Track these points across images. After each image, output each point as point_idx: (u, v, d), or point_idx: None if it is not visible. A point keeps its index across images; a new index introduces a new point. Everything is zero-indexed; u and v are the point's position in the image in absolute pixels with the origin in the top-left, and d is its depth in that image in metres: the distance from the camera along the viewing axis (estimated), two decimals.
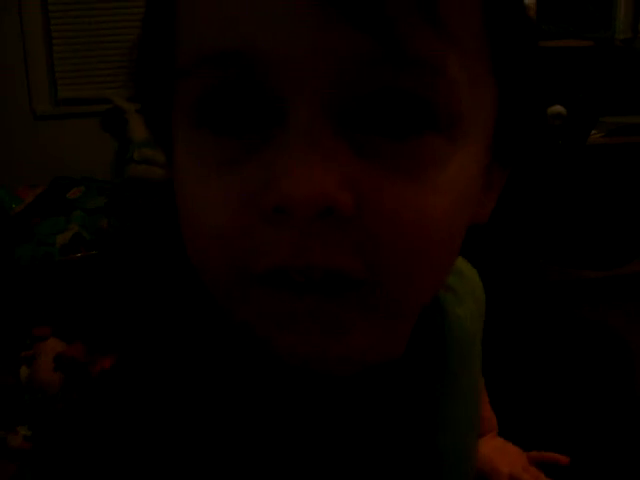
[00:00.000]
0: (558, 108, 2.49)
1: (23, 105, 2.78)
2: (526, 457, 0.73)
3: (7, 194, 2.07)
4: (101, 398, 0.40)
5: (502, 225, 2.19)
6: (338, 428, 0.39)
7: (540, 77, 0.37)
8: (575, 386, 1.55)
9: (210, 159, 0.32)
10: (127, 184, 2.29)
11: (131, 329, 0.46)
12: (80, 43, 2.85)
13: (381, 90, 0.30)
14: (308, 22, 0.28)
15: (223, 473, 0.36)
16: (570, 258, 2.45)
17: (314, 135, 0.29)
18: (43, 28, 2.84)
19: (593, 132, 2.56)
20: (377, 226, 0.30)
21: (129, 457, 0.36)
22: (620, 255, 2.50)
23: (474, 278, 0.54)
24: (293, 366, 0.36)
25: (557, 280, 2.35)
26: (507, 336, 1.80)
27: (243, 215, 0.31)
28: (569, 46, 2.67)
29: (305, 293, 0.31)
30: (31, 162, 2.64)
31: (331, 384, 0.39)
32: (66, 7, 2.91)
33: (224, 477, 0.36)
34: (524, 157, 0.41)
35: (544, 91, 0.39)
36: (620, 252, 2.51)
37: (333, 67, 0.29)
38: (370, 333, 0.33)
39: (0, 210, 2.02)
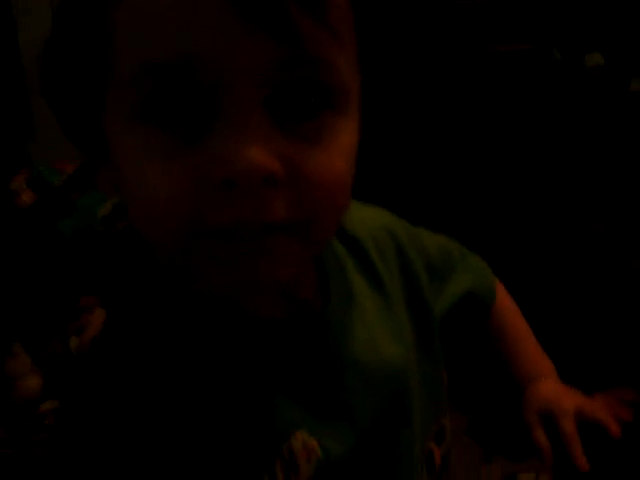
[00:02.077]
0: (596, 57, 2.42)
1: None
2: (590, 398, 0.73)
3: (47, 169, 2.09)
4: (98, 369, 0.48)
5: (546, 182, 2.15)
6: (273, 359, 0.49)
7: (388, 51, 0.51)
8: (624, 340, 1.53)
9: (158, 148, 0.40)
10: None
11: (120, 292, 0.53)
12: None
13: (293, 80, 0.39)
14: (234, 34, 0.37)
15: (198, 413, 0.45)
16: (613, 212, 2.40)
17: (248, 121, 0.38)
18: None
19: (634, 81, 2.49)
20: (305, 185, 0.40)
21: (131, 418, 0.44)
22: None
23: (377, 219, 0.66)
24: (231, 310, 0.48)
25: (602, 231, 2.30)
26: (554, 291, 1.78)
27: (195, 188, 0.39)
28: None
29: (247, 239, 0.40)
30: None
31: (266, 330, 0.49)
32: None
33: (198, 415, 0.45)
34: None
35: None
36: None
37: (255, 67, 0.38)
38: (296, 260, 0.43)
39: (42, 184, 2.05)
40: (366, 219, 0.64)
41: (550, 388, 0.75)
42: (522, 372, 0.77)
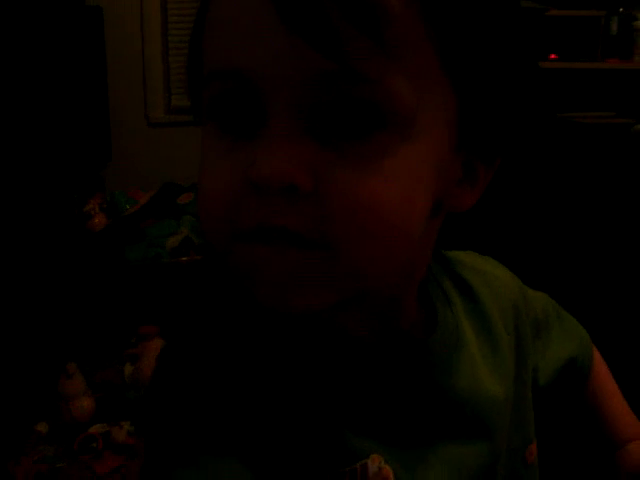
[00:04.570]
0: None
1: (139, 112, 2.89)
2: None
3: (122, 195, 2.15)
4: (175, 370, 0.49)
5: (626, 248, 2.09)
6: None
7: (509, 82, 0.44)
8: None
9: (215, 145, 0.43)
10: None
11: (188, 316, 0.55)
12: None
13: (340, 96, 0.38)
14: (279, 48, 0.38)
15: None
16: None
17: (286, 133, 0.39)
18: (162, 41, 2.96)
19: None
20: (328, 201, 0.39)
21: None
22: None
23: (499, 276, 0.63)
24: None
25: None
26: None
27: (235, 186, 0.41)
28: None
29: (272, 245, 0.40)
30: (144, 166, 2.73)
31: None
32: (182, 19, 3.04)
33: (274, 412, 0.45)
34: (509, 156, 0.49)
35: (515, 97, 0.45)
36: None
37: (298, 81, 0.38)
38: (320, 285, 0.41)
39: (115, 210, 2.10)
40: (487, 273, 0.62)
41: None
42: (614, 435, 0.75)
